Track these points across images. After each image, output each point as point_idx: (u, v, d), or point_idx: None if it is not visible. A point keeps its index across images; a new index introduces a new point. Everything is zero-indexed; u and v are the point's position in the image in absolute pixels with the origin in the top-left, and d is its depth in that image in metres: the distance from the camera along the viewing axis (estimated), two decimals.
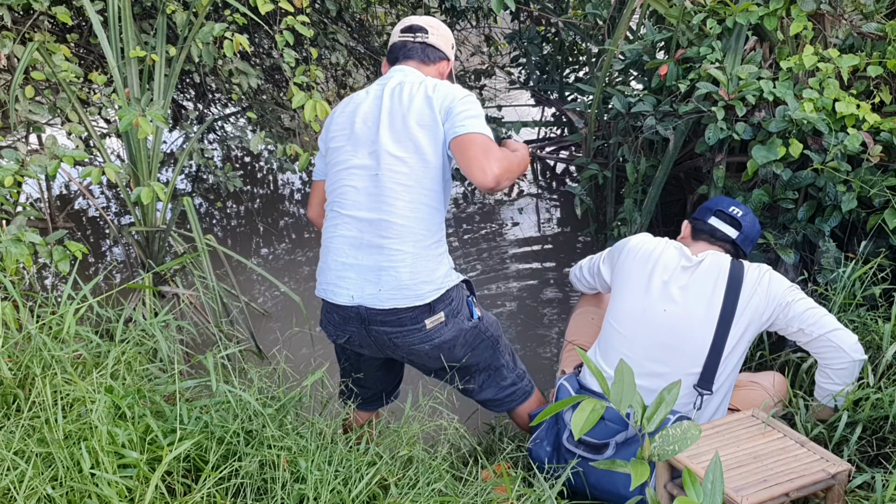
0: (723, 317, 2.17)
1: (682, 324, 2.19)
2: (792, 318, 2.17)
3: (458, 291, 2.17)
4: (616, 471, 2.10)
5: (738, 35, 2.95)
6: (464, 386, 2.30)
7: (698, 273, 2.23)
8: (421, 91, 2.12)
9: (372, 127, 2.12)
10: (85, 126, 3.19)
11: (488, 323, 2.27)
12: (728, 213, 2.35)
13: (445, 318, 2.12)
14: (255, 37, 4.60)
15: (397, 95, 2.13)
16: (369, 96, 2.19)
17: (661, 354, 2.21)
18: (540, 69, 5.29)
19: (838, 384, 2.18)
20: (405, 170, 2.06)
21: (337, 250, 2.14)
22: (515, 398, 2.39)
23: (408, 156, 2.07)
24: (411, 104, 2.10)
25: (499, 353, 2.31)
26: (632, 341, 2.25)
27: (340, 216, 2.14)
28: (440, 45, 2.31)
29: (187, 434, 1.81)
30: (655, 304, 2.23)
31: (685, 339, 2.19)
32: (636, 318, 2.26)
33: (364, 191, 2.10)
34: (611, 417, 2.18)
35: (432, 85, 2.13)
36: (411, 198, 2.06)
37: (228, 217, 5.27)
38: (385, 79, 2.23)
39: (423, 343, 2.12)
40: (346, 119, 2.20)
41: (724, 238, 2.33)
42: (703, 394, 2.18)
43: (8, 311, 2.09)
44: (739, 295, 2.18)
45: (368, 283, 2.08)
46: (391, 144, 2.08)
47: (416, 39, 2.29)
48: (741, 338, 2.19)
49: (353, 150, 2.15)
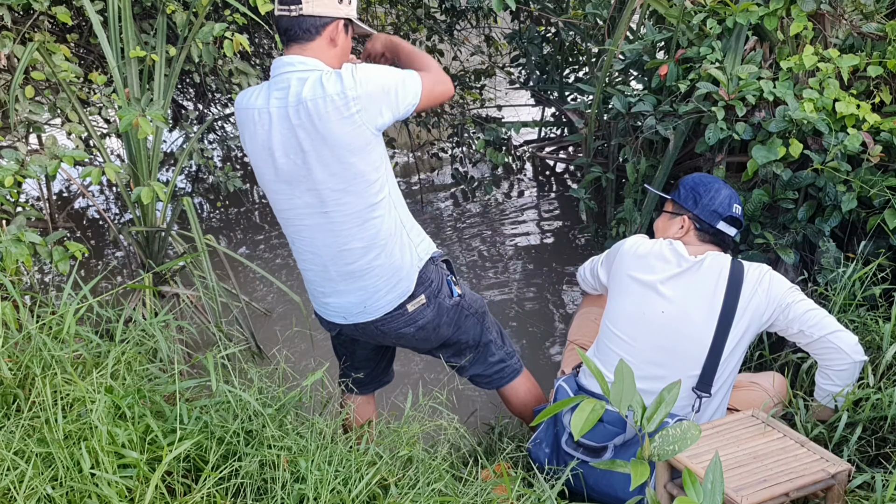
0: (722, 318, 2.16)
1: (681, 325, 2.18)
2: (792, 320, 2.16)
3: (437, 272, 2.22)
4: (615, 472, 2.10)
5: (738, 35, 2.95)
6: (453, 362, 2.35)
7: (699, 274, 2.21)
8: (330, 108, 1.90)
9: (298, 162, 1.97)
10: (85, 126, 3.19)
11: (471, 300, 2.32)
12: (735, 216, 2.32)
13: (427, 300, 2.17)
14: (255, 37, 4.60)
15: (307, 119, 1.92)
16: (273, 119, 1.96)
17: (659, 357, 2.21)
18: (540, 69, 5.28)
19: (839, 385, 2.17)
20: (350, 199, 2.01)
21: (312, 282, 2.24)
22: (504, 375, 2.45)
23: (349, 185, 1.99)
24: (330, 131, 1.91)
25: (485, 330, 2.37)
26: (630, 344, 2.24)
27: (303, 252, 2.17)
28: (320, 11, 1.96)
29: (187, 434, 1.81)
30: (653, 306, 2.22)
31: (684, 340, 2.18)
32: (634, 321, 2.25)
33: (317, 228, 2.08)
34: (609, 420, 2.18)
35: (342, 102, 1.89)
36: (363, 220, 2.04)
37: (228, 217, 5.27)
38: (280, 84, 1.97)
39: (407, 326, 2.19)
40: (262, 148, 2.01)
41: (727, 241, 2.34)
42: (701, 396, 2.18)
43: (8, 311, 2.09)
44: (739, 296, 2.17)
45: (352, 304, 2.18)
46: (329, 180, 1.98)
47: (291, 13, 1.96)
48: (741, 339, 2.18)
49: (290, 191, 2.03)
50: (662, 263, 2.25)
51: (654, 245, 2.30)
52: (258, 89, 2.03)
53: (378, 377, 2.52)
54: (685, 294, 2.20)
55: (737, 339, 2.17)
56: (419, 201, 5.41)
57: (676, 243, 2.29)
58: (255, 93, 2.03)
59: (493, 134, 4.84)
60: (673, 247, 2.28)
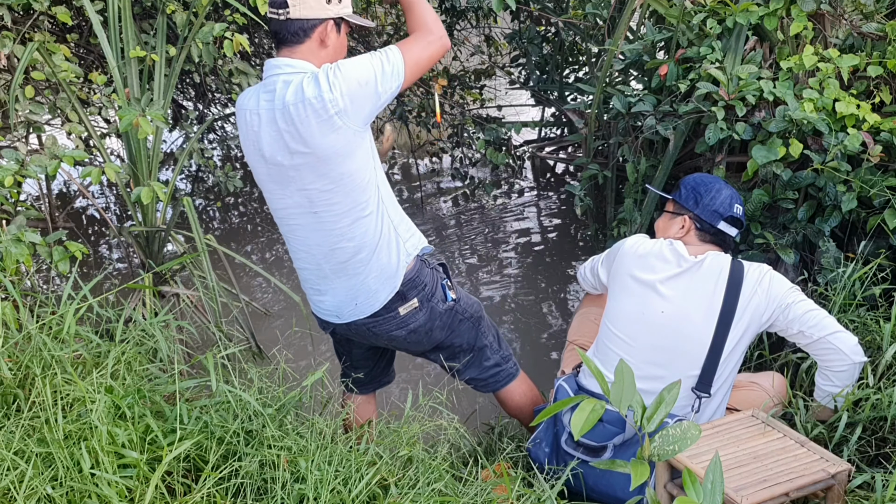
0: (722, 318, 2.16)
1: (681, 325, 2.18)
2: (792, 320, 2.16)
3: (432, 276, 2.23)
4: (615, 472, 2.10)
5: (738, 35, 2.95)
6: (449, 364, 2.36)
7: (699, 274, 2.21)
8: (310, 112, 1.90)
9: (286, 164, 1.99)
10: (85, 126, 3.20)
11: (466, 304, 2.32)
12: (736, 216, 2.32)
13: (419, 304, 2.18)
14: (255, 37, 4.60)
15: (290, 124, 1.93)
16: (262, 121, 1.98)
17: (659, 357, 2.20)
18: (540, 69, 5.28)
19: (838, 386, 2.17)
20: (339, 199, 2.02)
21: (307, 280, 2.26)
22: (500, 379, 2.45)
23: (336, 186, 2.00)
24: (312, 135, 1.91)
25: (481, 334, 2.38)
26: (629, 344, 2.24)
27: (298, 251, 2.20)
28: (307, 14, 1.95)
29: (187, 434, 1.81)
30: (653, 306, 2.22)
31: (684, 340, 2.18)
32: (633, 320, 2.25)
33: (308, 227, 2.10)
34: (609, 420, 2.18)
35: (320, 105, 1.89)
36: (353, 219, 2.05)
37: (228, 217, 5.27)
38: (268, 87, 1.98)
39: (399, 329, 2.19)
40: (253, 149, 2.04)
41: (728, 241, 2.33)
42: (700, 396, 2.17)
43: (8, 311, 2.09)
44: (739, 296, 2.16)
45: (344, 303, 2.19)
46: (317, 181, 1.99)
47: (279, 17, 1.96)
48: (740, 339, 2.18)
49: (280, 191, 2.07)
50: (662, 263, 2.25)
51: (655, 245, 2.30)
52: (253, 90, 2.05)
53: (378, 377, 2.53)
54: (685, 294, 2.20)
55: (736, 339, 2.17)
56: (419, 201, 5.41)
57: (677, 243, 2.29)
58: (250, 94, 2.05)
59: (493, 134, 4.84)
60: (673, 247, 2.27)
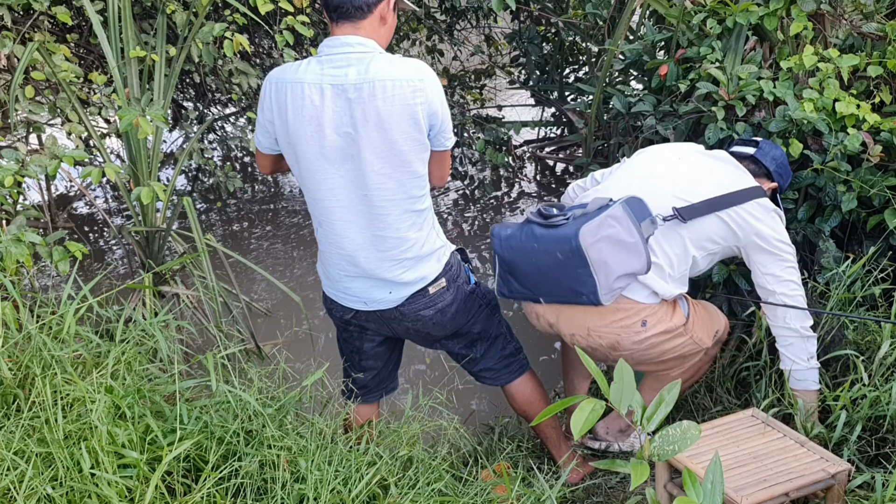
0: (717, 200, 2.25)
1: (685, 180, 2.30)
2: (752, 262, 2.30)
3: (455, 257, 2.27)
4: (559, 235, 2.15)
5: (738, 35, 2.95)
6: (464, 352, 2.37)
7: (715, 161, 2.36)
8: (397, 96, 1.91)
9: (348, 140, 1.96)
10: (85, 126, 3.19)
11: (485, 290, 2.37)
12: (744, 139, 2.51)
13: (447, 284, 2.20)
14: (255, 37, 4.60)
15: (369, 97, 1.91)
16: (326, 95, 1.94)
17: (673, 177, 2.33)
18: (540, 69, 5.29)
19: (795, 360, 2.28)
20: (393, 185, 2.01)
21: (336, 265, 2.17)
22: (512, 370, 2.47)
23: (395, 172, 1.99)
24: (390, 114, 1.92)
25: (497, 322, 2.40)
26: (632, 171, 2.41)
27: (332, 233, 2.11)
28: None
29: (187, 434, 1.81)
30: (669, 157, 2.40)
31: (687, 185, 2.28)
32: (650, 157, 2.43)
33: (353, 209, 2.05)
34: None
35: (410, 89, 1.92)
36: (402, 210, 2.05)
37: (228, 217, 5.28)
38: (337, 62, 1.94)
39: (427, 308, 2.18)
40: (310, 125, 1.97)
41: (744, 156, 2.43)
42: (678, 217, 2.23)
43: (8, 311, 2.08)
44: (734, 205, 2.24)
45: (376, 289, 2.15)
46: (377, 163, 1.97)
47: None
48: (719, 233, 2.26)
49: (331, 169, 2.00)
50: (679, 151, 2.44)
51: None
52: (305, 63, 1.98)
53: (383, 381, 2.48)
54: (697, 168, 2.34)
55: (718, 226, 2.25)
56: None
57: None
58: (302, 66, 1.98)
59: (493, 134, 4.84)
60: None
